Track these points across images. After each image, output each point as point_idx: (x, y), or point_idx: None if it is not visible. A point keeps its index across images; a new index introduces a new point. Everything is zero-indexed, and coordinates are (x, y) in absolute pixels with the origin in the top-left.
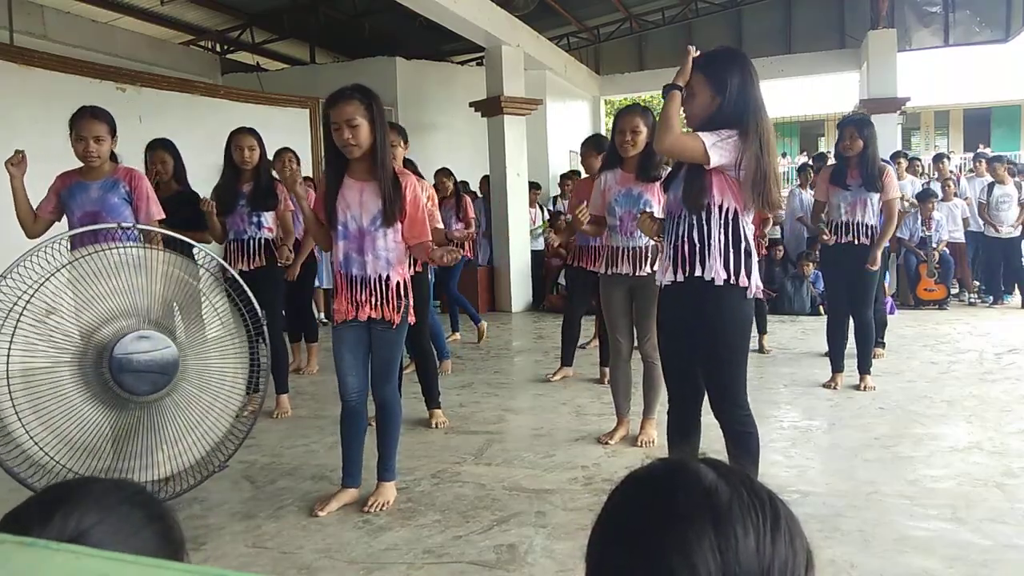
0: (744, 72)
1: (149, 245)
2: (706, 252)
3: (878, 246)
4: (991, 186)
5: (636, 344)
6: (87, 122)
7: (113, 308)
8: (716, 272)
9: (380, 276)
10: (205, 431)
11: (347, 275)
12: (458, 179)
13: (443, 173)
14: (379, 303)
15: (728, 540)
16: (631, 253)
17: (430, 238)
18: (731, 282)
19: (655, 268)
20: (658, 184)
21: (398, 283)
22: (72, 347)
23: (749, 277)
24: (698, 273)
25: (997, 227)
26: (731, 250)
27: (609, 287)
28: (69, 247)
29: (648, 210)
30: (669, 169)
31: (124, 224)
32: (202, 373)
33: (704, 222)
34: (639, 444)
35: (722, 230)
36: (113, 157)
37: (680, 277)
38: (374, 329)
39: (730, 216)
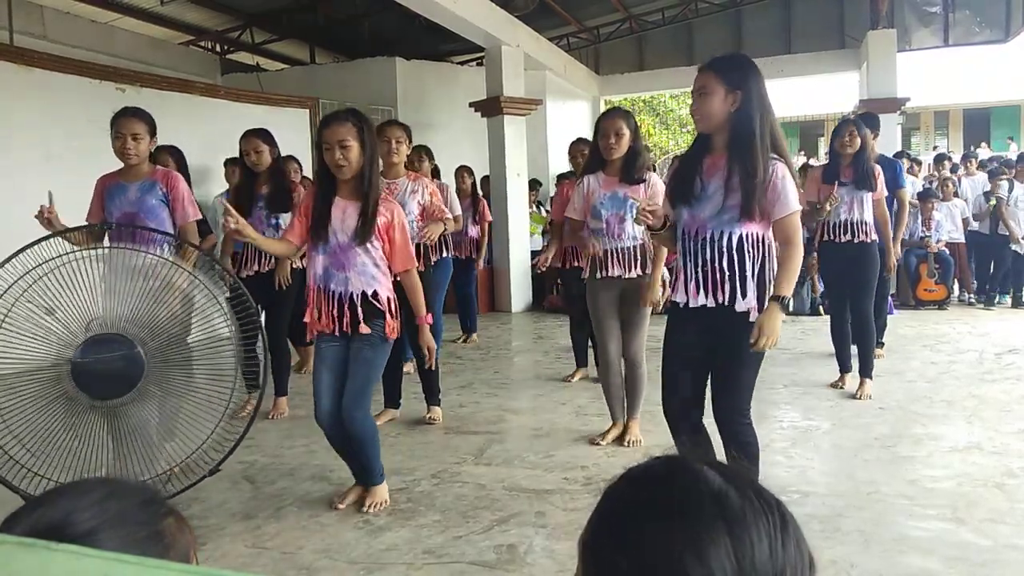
0: (758, 76)
1: (176, 262)
2: (736, 283)
3: (889, 250)
4: (1010, 183)
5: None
6: (126, 120)
7: (89, 310)
8: (748, 305)
9: (366, 292)
10: (190, 434)
11: (325, 289)
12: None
13: (464, 170)
14: (356, 320)
15: (744, 546)
16: (619, 255)
17: (413, 267)
18: (760, 311)
19: (647, 271)
20: (642, 188)
21: (388, 298)
22: (52, 349)
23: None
24: (725, 302)
25: (1015, 234)
26: (764, 280)
27: (597, 291)
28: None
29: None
30: (667, 174)
31: (116, 224)
32: (182, 375)
33: (735, 250)
34: (626, 444)
35: (759, 262)
36: (151, 159)
37: (711, 303)
38: (352, 346)
39: (767, 246)
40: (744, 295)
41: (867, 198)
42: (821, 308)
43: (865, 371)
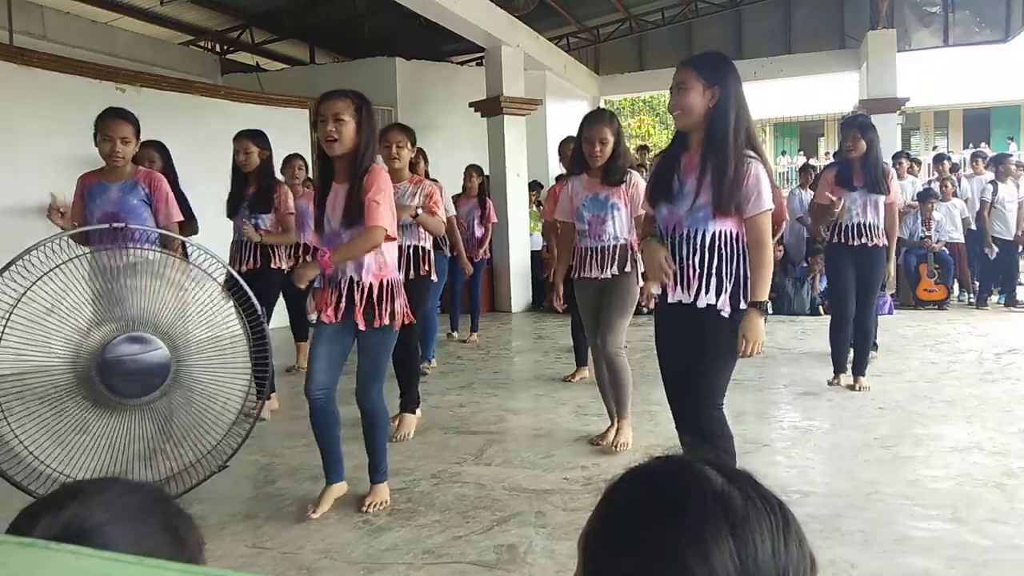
0: (735, 74)
1: (166, 251)
2: (703, 280)
3: (890, 257)
4: (994, 185)
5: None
6: (114, 123)
7: (106, 309)
8: (711, 301)
9: (352, 279)
10: (204, 432)
11: (323, 277)
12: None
13: (472, 169)
14: (346, 305)
15: (747, 547)
16: (599, 255)
17: (380, 225)
18: (737, 308)
19: (627, 269)
20: (623, 188)
21: (370, 285)
22: (68, 348)
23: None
24: (692, 300)
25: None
26: (740, 278)
27: (580, 290)
28: (76, 246)
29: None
30: (647, 175)
31: (126, 225)
32: (201, 375)
33: (707, 248)
34: (614, 448)
35: (733, 260)
36: (134, 159)
37: (685, 299)
38: (359, 335)
39: (742, 244)
40: (707, 291)
41: (880, 201)
42: (821, 308)
43: (859, 370)
